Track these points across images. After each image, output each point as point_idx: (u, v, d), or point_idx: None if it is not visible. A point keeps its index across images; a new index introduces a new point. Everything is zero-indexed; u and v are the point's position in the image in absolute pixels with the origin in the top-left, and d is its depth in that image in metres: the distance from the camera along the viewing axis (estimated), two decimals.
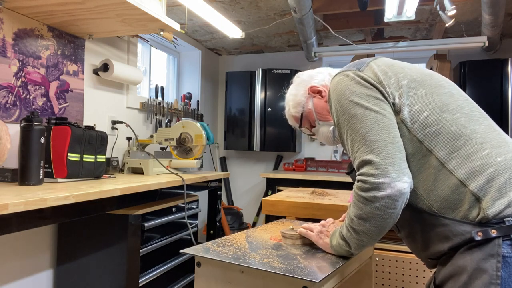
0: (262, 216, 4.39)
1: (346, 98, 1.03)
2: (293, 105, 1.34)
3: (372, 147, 0.95)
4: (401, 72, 1.05)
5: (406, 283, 1.76)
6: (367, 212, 0.95)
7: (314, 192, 2.16)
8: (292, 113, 1.35)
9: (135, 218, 2.00)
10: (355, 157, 0.99)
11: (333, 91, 1.08)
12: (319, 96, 1.30)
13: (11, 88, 1.99)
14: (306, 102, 1.31)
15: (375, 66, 1.07)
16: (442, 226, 0.93)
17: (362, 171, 0.96)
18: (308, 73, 1.36)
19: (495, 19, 2.88)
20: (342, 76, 1.08)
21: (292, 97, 1.35)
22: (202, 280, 1.10)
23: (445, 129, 0.95)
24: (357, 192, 0.97)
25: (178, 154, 2.77)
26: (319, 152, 4.37)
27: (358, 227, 0.99)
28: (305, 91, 1.31)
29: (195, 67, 4.22)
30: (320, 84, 1.30)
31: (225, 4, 3.06)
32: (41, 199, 1.36)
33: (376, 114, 0.98)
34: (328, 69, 1.36)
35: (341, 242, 1.06)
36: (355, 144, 0.99)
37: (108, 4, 1.88)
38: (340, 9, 3.10)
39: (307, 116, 1.33)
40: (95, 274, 2.05)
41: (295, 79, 1.38)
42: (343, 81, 1.06)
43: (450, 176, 0.92)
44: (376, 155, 0.93)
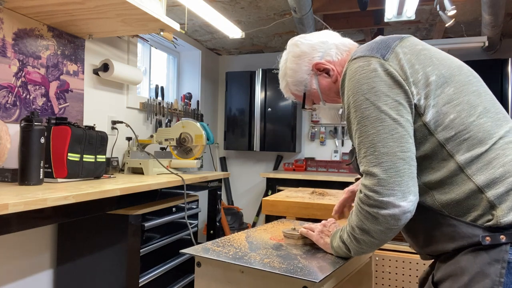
0: (262, 216, 4.38)
1: (362, 93, 0.92)
2: (293, 82, 1.16)
3: (380, 160, 0.89)
4: (429, 64, 0.95)
5: (406, 283, 1.76)
6: (369, 225, 0.92)
7: (314, 192, 2.16)
8: (292, 90, 1.19)
9: (135, 218, 2.00)
10: (361, 162, 0.94)
11: (350, 79, 0.96)
12: (325, 75, 1.12)
13: (11, 88, 1.99)
14: (310, 81, 1.14)
15: (401, 54, 0.95)
16: (449, 226, 0.91)
17: (366, 183, 0.91)
18: (308, 42, 1.15)
19: (495, 19, 2.88)
20: (362, 63, 0.95)
21: (291, 72, 1.16)
22: (202, 280, 1.10)
23: (471, 135, 0.90)
24: (360, 204, 0.93)
25: (178, 154, 2.77)
26: (319, 152, 4.37)
27: (358, 236, 0.96)
28: (308, 67, 1.13)
29: (195, 67, 4.22)
30: (325, 60, 1.11)
31: (225, 4, 3.05)
32: (41, 199, 1.36)
33: (391, 121, 0.89)
34: (332, 37, 1.15)
35: (341, 245, 1.04)
36: (362, 149, 0.93)
37: (108, 4, 1.88)
38: (340, 9, 3.10)
39: (310, 95, 1.17)
40: (95, 274, 2.05)
41: (293, 47, 1.17)
42: (363, 71, 0.94)
43: (468, 181, 0.89)
44: (383, 171, 0.88)
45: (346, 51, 1.12)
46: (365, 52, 0.97)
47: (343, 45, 1.13)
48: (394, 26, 3.53)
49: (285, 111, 4.10)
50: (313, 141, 4.41)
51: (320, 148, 4.37)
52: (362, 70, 0.94)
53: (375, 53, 0.96)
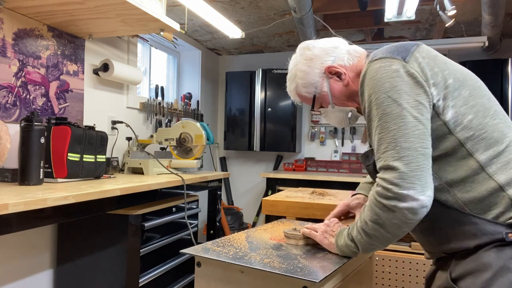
0: (262, 216, 4.38)
1: (384, 91, 0.95)
2: (304, 84, 1.18)
3: (401, 155, 0.91)
4: (445, 68, 1.00)
5: (406, 283, 1.76)
6: (384, 219, 0.93)
7: (314, 192, 2.16)
8: (301, 92, 1.20)
9: (135, 218, 2.00)
10: (380, 157, 0.95)
11: (371, 78, 0.99)
12: (337, 78, 1.15)
13: (11, 88, 1.99)
14: (321, 83, 1.16)
15: (420, 58, 0.99)
16: (470, 224, 0.94)
17: (385, 177, 0.92)
18: (321, 46, 1.17)
19: (495, 19, 2.88)
20: (384, 64, 0.98)
21: (302, 74, 1.17)
22: (202, 280, 1.10)
23: (488, 134, 0.95)
24: (376, 197, 0.94)
25: (178, 154, 2.77)
26: (319, 152, 4.37)
27: (371, 231, 0.97)
28: (320, 70, 1.15)
29: (195, 67, 4.22)
30: (337, 64, 1.14)
31: (225, 4, 3.05)
32: (41, 199, 1.36)
33: (413, 119, 0.92)
34: (344, 43, 1.19)
35: (349, 243, 1.04)
36: (382, 144, 0.94)
37: (108, 4, 1.88)
38: (340, 9, 3.10)
39: (320, 98, 1.19)
40: (95, 274, 2.05)
41: (305, 50, 1.19)
42: (385, 70, 0.97)
43: (490, 180, 0.93)
44: (404, 164, 0.90)
45: (357, 57, 1.15)
46: (386, 54, 1.01)
47: (354, 51, 1.16)
48: (394, 26, 3.53)
49: (285, 111, 4.10)
50: (313, 141, 4.41)
51: (320, 148, 4.37)
52: (384, 70, 0.97)
53: (396, 55, 0.99)
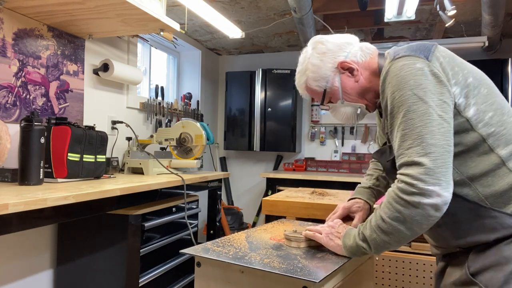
0: (262, 216, 4.38)
1: (410, 89, 0.95)
2: (315, 78, 1.16)
3: (427, 151, 0.91)
4: (464, 68, 1.02)
5: (406, 283, 1.76)
6: (405, 215, 0.92)
7: (314, 192, 2.16)
8: (311, 86, 1.19)
9: (135, 218, 2.00)
10: (403, 153, 0.94)
11: (395, 76, 0.99)
12: (349, 74, 1.14)
13: (11, 88, 1.99)
14: (333, 78, 1.15)
15: (441, 58, 1.00)
16: (490, 218, 0.96)
17: (410, 173, 0.91)
18: (335, 41, 1.17)
19: (495, 19, 2.88)
20: (408, 62, 0.99)
21: (314, 68, 1.16)
22: (202, 280, 1.10)
23: (507, 131, 0.98)
24: (398, 193, 0.93)
25: (178, 154, 2.77)
26: (319, 152, 4.37)
27: (389, 229, 0.95)
28: (332, 65, 1.14)
29: (195, 67, 4.22)
30: (351, 60, 1.14)
31: (225, 4, 3.05)
32: (41, 199, 1.36)
33: (438, 117, 0.93)
34: (356, 39, 1.19)
35: (360, 244, 1.02)
36: (407, 140, 0.94)
37: (108, 4, 1.88)
38: (340, 9, 3.10)
39: (330, 93, 1.18)
40: (95, 274, 2.05)
41: (317, 44, 1.18)
42: (409, 68, 0.98)
43: (510, 174, 0.96)
44: (431, 160, 0.90)
45: (370, 55, 1.15)
46: (409, 52, 1.01)
47: (367, 48, 1.16)
48: (394, 26, 3.53)
49: (285, 111, 4.10)
50: (313, 141, 4.41)
51: (320, 148, 4.37)
52: (408, 68, 0.98)
53: (419, 54, 1.00)
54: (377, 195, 1.37)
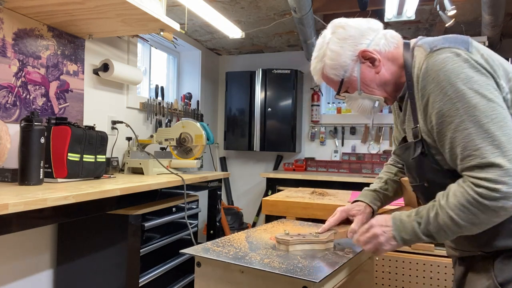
0: (262, 216, 4.38)
1: (463, 83, 0.88)
2: (333, 65, 1.07)
3: (503, 149, 0.83)
4: (503, 62, 0.96)
5: (406, 283, 1.76)
6: (483, 219, 0.87)
7: (314, 192, 2.16)
8: (328, 74, 1.10)
9: (135, 218, 2.00)
10: (471, 155, 0.86)
11: (439, 70, 0.91)
12: (370, 64, 1.05)
13: (11, 88, 1.99)
14: (352, 67, 1.06)
15: (482, 50, 0.94)
16: None
17: (488, 176, 0.84)
18: (357, 26, 1.07)
19: (495, 19, 2.88)
20: (450, 54, 0.91)
21: (332, 55, 1.06)
22: (202, 280, 1.10)
23: None
24: (477, 199, 0.85)
25: (178, 154, 2.77)
26: (319, 152, 4.37)
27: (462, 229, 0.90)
28: (353, 53, 1.05)
29: (195, 67, 4.22)
30: (373, 49, 1.04)
31: (225, 4, 3.06)
32: (41, 199, 1.36)
33: (501, 109, 0.86)
34: (381, 25, 1.09)
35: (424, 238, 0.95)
36: (474, 140, 0.86)
37: (108, 4, 1.88)
38: (340, 9, 3.10)
39: (347, 82, 1.09)
40: (95, 274, 2.05)
41: (338, 29, 1.08)
42: (453, 61, 0.90)
43: None
44: (508, 160, 0.83)
45: (394, 44, 1.07)
46: (447, 44, 0.94)
47: (391, 36, 1.08)
48: (394, 26, 3.53)
49: (285, 111, 4.10)
50: (313, 141, 4.41)
51: (320, 148, 4.37)
52: (453, 61, 0.90)
53: (458, 45, 0.93)
54: (383, 199, 1.29)
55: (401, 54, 1.06)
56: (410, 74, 1.02)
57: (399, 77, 1.06)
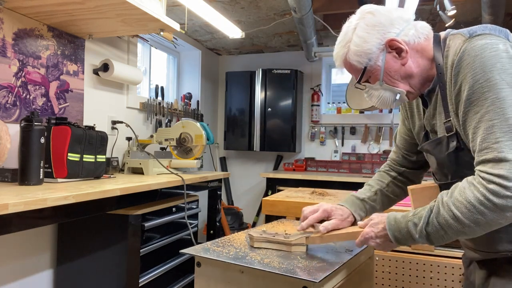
0: (262, 216, 4.38)
1: (497, 73, 0.84)
2: (357, 52, 1.02)
3: None
4: None
5: (406, 283, 1.76)
6: (489, 219, 0.83)
7: (314, 192, 2.16)
8: (351, 60, 1.05)
9: (135, 218, 2.00)
10: (489, 147, 0.84)
11: (477, 56, 0.87)
12: (396, 55, 1.01)
13: (11, 88, 1.99)
14: (377, 56, 1.01)
15: None
16: None
17: (501, 173, 0.80)
18: (388, 14, 1.02)
19: (495, 19, 2.88)
20: (490, 41, 0.88)
21: (359, 41, 1.02)
22: (202, 280, 1.10)
23: None
24: (487, 195, 0.82)
25: (178, 154, 2.77)
26: (319, 152, 4.37)
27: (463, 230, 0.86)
28: (380, 41, 1.00)
29: (195, 67, 4.23)
30: (401, 39, 1.00)
31: (225, 4, 3.06)
32: (41, 199, 1.36)
33: None
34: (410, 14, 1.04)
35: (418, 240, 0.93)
36: (496, 132, 0.83)
37: (108, 4, 1.88)
38: (340, 9, 3.10)
39: (370, 71, 1.04)
40: (95, 274, 2.05)
41: (367, 15, 1.04)
42: (492, 48, 0.87)
43: None
44: None
45: (425, 36, 1.02)
46: (487, 30, 0.90)
47: (422, 28, 1.02)
48: None
49: (285, 111, 4.10)
50: (313, 141, 4.41)
51: (320, 148, 4.37)
52: (492, 48, 0.87)
53: (498, 33, 0.90)
54: (368, 210, 1.23)
55: (431, 47, 1.01)
56: (441, 66, 0.98)
57: (428, 70, 1.02)
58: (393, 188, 1.27)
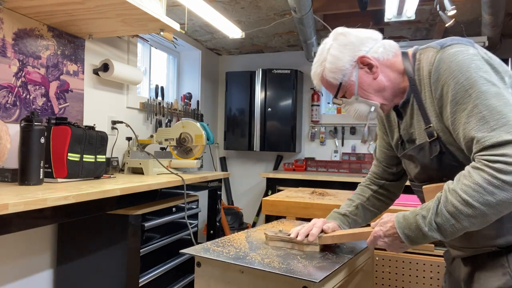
0: (262, 216, 4.38)
1: (474, 72, 0.92)
2: (332, 69, 1.11)
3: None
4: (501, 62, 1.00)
5: (406, 283, 1.76)
6: (499, 198, 0.84)
7: (314, 192, 2.16)
8: (327, 78, 1.13)
9: (135, 218, 2.00)
10: (486, 136, 0.87)
11: (451, 62, 0.95)
12: (368, 70, 1.10)
13: (11, 88, 1.99)
14: (350, 72, 1.10)
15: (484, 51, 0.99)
16: None
17: (505, 152, 0.84)
18: (358, 34, 1.12)
19: (495, 19, 2.88)
20: (460, 48, 0.97)
21: (332, 59, 1.11)
22: (202, 280, 1.10)
23: None
24: (494, 174, 0.84)
25: (178, 154, 2.77)
26: (319, 152, 4.37)
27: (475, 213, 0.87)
28: (352, 58, 1.10)
29: (195, 67, 4.23)
30: (371, 56, 1.09)
31: (225, 4, 3.06)
32: (41, 199, 1.36)
33: (509, 96, 0.91)
34: (379, 35, 1.14)
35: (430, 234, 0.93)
36: (489, 122, 0.87)
37: (108, 4, 1.88)
38: (340, 9, 3.10)
39: (345, 87, 1.12)
40: (95, 274, 2.05)
41: (340, 36, 1.13)
42: (464, 53, 0.95)
43: None
44: None
45: (393, 53, 1.11)
46: (455, 41, 1.00)
47: (390, 46, 1.12)
48: (394, 26, 3.53)
49: (285, 111, 4.10)
50: (313, 141, 4.41)
51: (320, 148, 4.37)
52: (464, 53, 0.96)
53: (466, 42, 0.99)
54: (351, 224, 1.28)
55: (401, 61, 1.10)
56: (413, 78, 1.06)
57: (399, 82, 1.10)
58: (373, 202, 1.33)
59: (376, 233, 1.03)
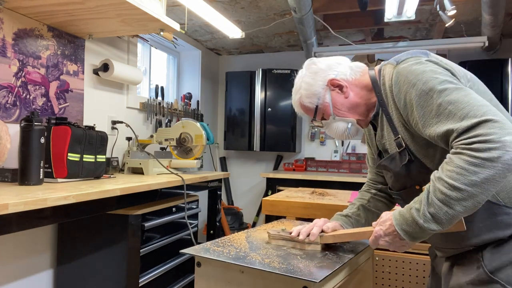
0: (262, 216, 4.38)
1: (430, 76, 0.99)
2: (307, 95, 1.23)
3: (484, 110, 0.89)
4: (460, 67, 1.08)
5: (406, 283, 1.76)
6: (483, 177, 0.86)
7: (314, 192, 2.16)
8: (304, 103, 1.24)
9: (135, 218, 2.00)
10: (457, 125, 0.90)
11: (408, 73, 1.04)
12: (339, 91, 1.21)
13: (11, 88, 1.99)
14: (324, 94, 1.21)
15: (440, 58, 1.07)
16: (505, 215, 0.98)
17: (478, 132, 0.87)
18: (326, 62, 1.25)
19: (495, 19, 2.88)
20: (413, 61, 1.06)
21: (306, 86, 1.23)
22: (202, 280, 1.10)
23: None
24: (473, 154, 0.86)
25: (178, 154, 2.77)
26: (319, 152, 4.37)
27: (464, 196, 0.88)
28: (323, 82, 1.21)
29: (195, 67, 4.23)
30: (340, 78, 1.20)
31: (225, 4, 3.06)
32: (41, 199, 1.36)
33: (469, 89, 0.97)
34: (346, 60, 1.26)
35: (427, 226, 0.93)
36: (456, 114, 0.91)
37: (108, 4, 1.88)
38: (340, 9, 3.10)
39: (322, 109, 1.23)
40: (95, 274, 2.05)
41: (310, 65, 1.26)
42: (417, 63, 1.04)
43: None
44: (494, 115, 0.88)
45: (360, 72, 1.22)
46: (409, 55, 1.10)
47: (356, 67, 1.23)
48: (394, 26, 3.53)
49: (285, 111, 4.10)
50: (313, 141, 4.41)
51: (320, 148, 4.37)
52: (417, 63, 1.05)
53: (419, 55, 1.09)
54: (354, 224, 1.30)
55: (368, 79, 1.20)
56: (380, 93, 1.15)
57: (369, 98, 1.19)
58: (374, 203, 1.37)
59: (377, 232, 1.04)
